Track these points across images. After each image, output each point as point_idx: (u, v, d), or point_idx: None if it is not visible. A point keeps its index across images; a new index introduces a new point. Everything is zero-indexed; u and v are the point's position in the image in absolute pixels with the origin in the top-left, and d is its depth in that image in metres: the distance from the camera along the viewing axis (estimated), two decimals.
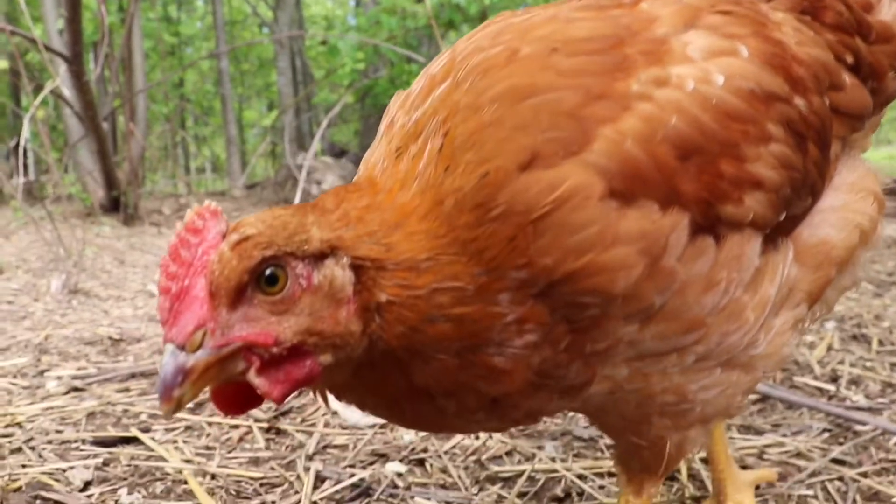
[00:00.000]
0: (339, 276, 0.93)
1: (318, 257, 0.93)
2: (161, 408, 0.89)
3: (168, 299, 0.88)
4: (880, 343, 2.71)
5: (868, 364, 2.50)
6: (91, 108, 6.56)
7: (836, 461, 1.82)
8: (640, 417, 1.16)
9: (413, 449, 1.92)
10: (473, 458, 1.87)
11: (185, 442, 2.02)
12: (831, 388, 2.31)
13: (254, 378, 0.91)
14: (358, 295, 0.94)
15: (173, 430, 2.11)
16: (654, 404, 1.13)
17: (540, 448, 1.90)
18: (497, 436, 1.97)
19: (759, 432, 2.00)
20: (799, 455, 1.86)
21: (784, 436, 1.96)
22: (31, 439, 2.03)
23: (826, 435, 1.97)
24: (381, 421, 2.12)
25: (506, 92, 0.98)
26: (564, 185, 0.92)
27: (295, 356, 0.92)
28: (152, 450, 1.95)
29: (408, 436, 2.01)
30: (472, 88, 1.01)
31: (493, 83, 0.99)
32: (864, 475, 1.73)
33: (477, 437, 1.97)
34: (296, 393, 1.05)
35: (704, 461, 1.75)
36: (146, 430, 2.09)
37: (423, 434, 2.01)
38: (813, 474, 1.76)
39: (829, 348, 2.65)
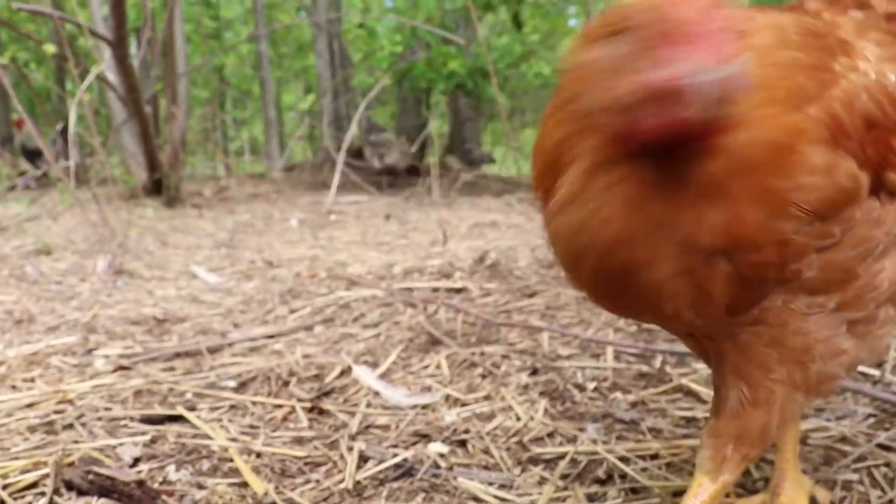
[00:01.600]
0: None
1: None
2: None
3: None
4: None
5: None
6: (134, 91, 6.66)
7: (881, 446, 1.79)
8: (762, 359, 1.21)
9: (455, 430, 1.93)
10: (515, 439, 1.88)
11: (230, 421, 2.05)
12: (876, 372, 2.26)
13: None
14: None
15: (218, 408, 2.15)
16: (782, 347, 1.19)
17: (581, 430, 1.90)
18: (538, 417, 1.98)
19: (803, 416, 1.97)
20: (844, 440, 1.83)
21: (828, 420, 1.93)
22: (81, 416, 2.08)
23: (871, 420, 1.94)
24: (422, 401, 2.13)
25: None
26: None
27: None
28: (198, 428, 1.99)
29: (449, 416, 2.02)
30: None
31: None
32: None
33: (518, 419, 1.98)
34: None
35: None
36: (192, 409, 2.13)
37: (464, 415, 2.02)
38: (858, 459, 1.73)
39: None
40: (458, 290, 3.46)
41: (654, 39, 0.91)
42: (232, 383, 2.36)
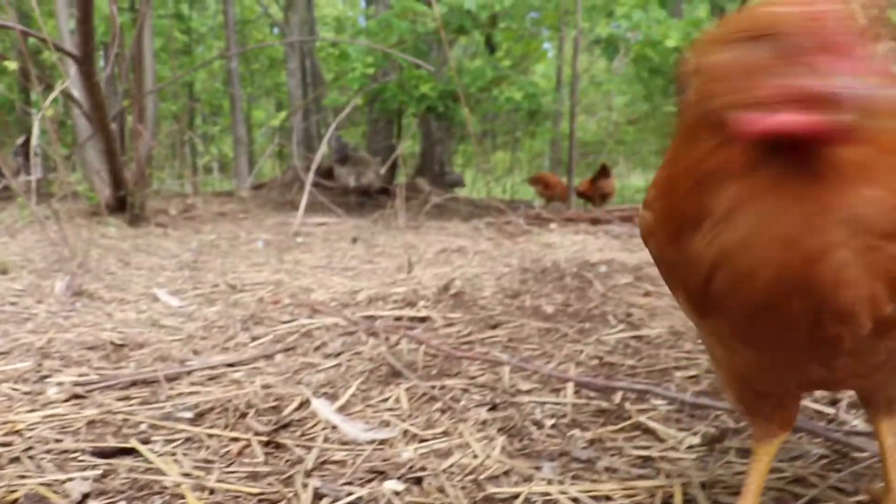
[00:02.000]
0: None
1: None
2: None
3: None
4: None
5: None
6: (100, 108, 6.59)
7: (834, 488, 1.81)
8: None
9: (411, 467, 1.92)
10: (471, 477, 1.87)
11: (184, 454, 2.02)
12: (831, 410, 2.30)
13: None
14: None
15: (173, 441, 2.12)
16: None
17: (538, 468, 1.90)
18: (495, 454, 1.97)
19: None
20: (797, 481, 1.85)
21: (782, 461, 1.95)
22: (30, 448, 2.03)
23: (825, 461, 1.96)
24: (380, 436, 2.12)
25: None
26: None
27: None
28: (151, 462, 1.96)
29: (406, 452, 2.01)
30: None
31: None
32: None
33: (475, 456, 1.97)
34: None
35: None
36: (146, 442, 2.10)
37: (422, 451, 2.01)
38: (811, 501, 1.75)
39: None
40: (422, 320, 3.46)
41: (808, 47, 0.96)
42: (188, 414, 2.33)
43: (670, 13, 15.57)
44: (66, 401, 2.43)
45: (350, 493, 1.77)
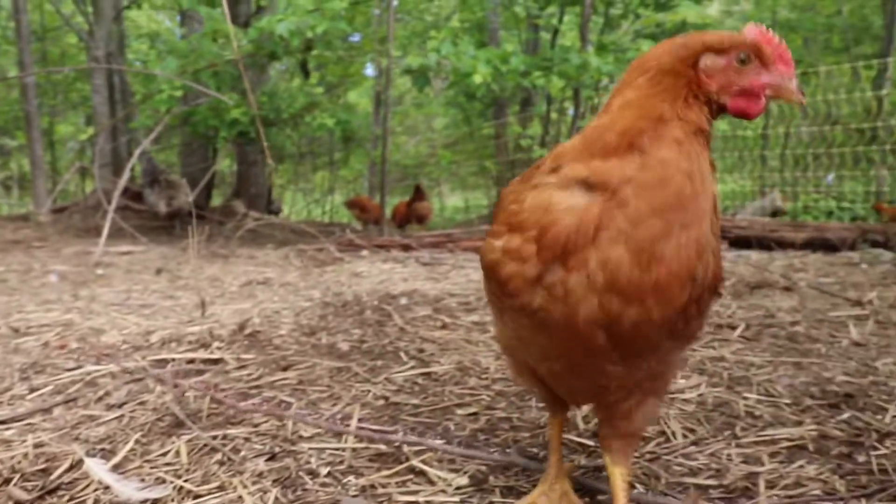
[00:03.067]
0: None
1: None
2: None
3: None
4: None
5: None
6: None
7: None
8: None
9: None
10: None
11: None
12: (591, 443, 2.54)
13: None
14: None
15: None
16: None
17: None
18: None
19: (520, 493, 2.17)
20: None
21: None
22: None
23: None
24: (153, 495, 2.12)
25: None
26: None
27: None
28: None
29: None
30: None
31: None
32: None
33: None
34: None
35: None
36: None
37: None
38: None
39: None
40: (215, 362, 3.44)
41: (770, 56, 1.48)
42: None
43: (488, 39, 16.27)
44: None
45: None
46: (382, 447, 2.46)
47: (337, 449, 2.44)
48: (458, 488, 2.17)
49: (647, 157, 1.40)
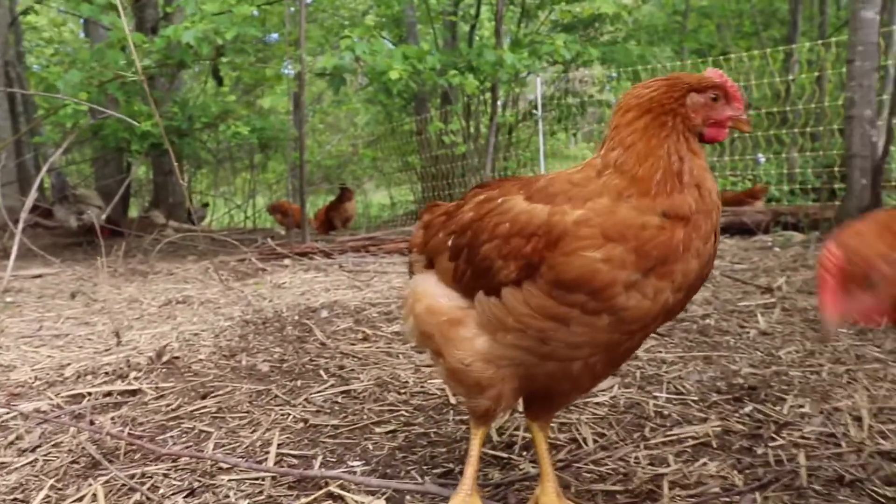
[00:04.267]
0: None
1: None
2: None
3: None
4: None
5: None
6: None
7: None
8: None
9: None
10: None
11: None
12: (504, 455, 2.61)
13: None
14: None
15: None
16: None
17: None
18: None
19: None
20: None
21: None
22: None
23: None
24: None
25: None
26: None
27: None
28: None
29: None
30: None
31: None
32: None
33: None
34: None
35: None
36: None
37: None
38: None
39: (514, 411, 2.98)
40: (133, 393, 3.40)
41: (732, 95, 1.83)
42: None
43: (405, 34, 16.23)
44: None
45: None
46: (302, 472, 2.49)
47: (256, 479, 2.46)
48: None
49: (700, 189, 1.74)
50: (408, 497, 2.28)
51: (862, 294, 1.68)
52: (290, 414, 3.04)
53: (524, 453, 2.62)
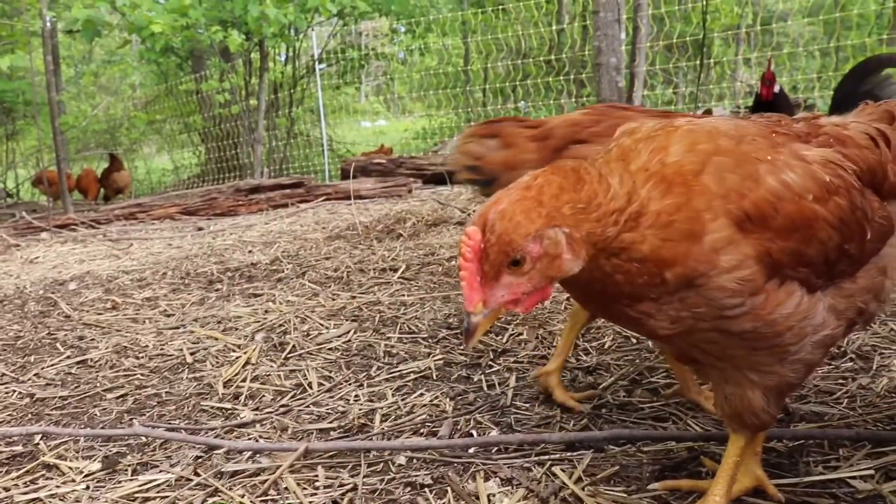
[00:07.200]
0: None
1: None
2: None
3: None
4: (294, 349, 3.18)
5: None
6: None
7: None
8: None
9: None
10: None
11: None
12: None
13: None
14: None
15: None
16: None
17: None
18: None
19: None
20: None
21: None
22: None
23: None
24: None
25: None
26: None
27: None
28: None
29: None
30: None
31: None
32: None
33: None
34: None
35: None
36: None
37: None
38: None
39: (247, 363, 3.04)
40: None
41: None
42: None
43: None
44: None
45: None
46: (19, 448, 2.43)
47: None
48: (87, 475, 2.21)
49: None
50: (129, 457, 2.29)
51: (509, 277, 1.44)
52: (15, 391, 2.93)
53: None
